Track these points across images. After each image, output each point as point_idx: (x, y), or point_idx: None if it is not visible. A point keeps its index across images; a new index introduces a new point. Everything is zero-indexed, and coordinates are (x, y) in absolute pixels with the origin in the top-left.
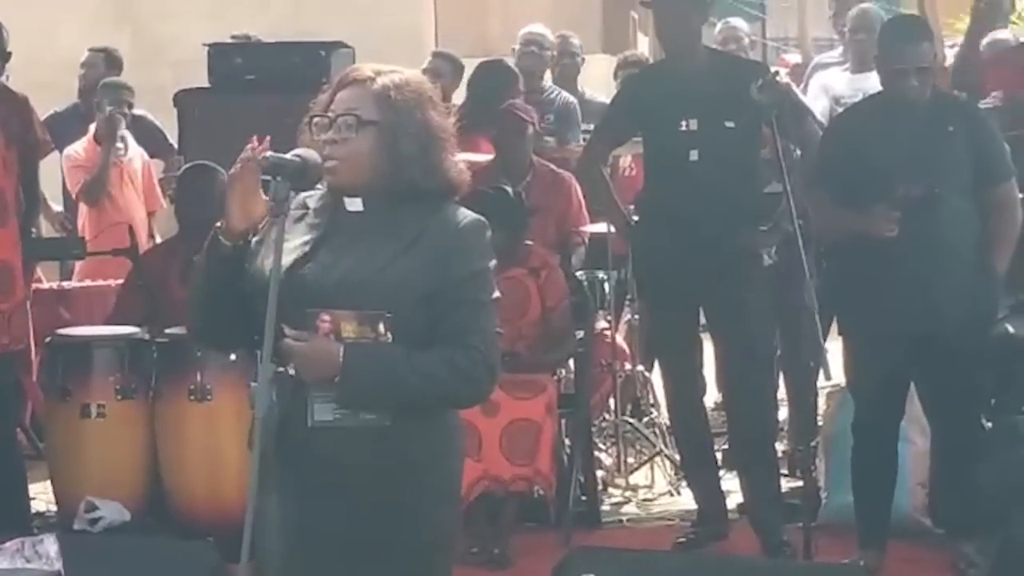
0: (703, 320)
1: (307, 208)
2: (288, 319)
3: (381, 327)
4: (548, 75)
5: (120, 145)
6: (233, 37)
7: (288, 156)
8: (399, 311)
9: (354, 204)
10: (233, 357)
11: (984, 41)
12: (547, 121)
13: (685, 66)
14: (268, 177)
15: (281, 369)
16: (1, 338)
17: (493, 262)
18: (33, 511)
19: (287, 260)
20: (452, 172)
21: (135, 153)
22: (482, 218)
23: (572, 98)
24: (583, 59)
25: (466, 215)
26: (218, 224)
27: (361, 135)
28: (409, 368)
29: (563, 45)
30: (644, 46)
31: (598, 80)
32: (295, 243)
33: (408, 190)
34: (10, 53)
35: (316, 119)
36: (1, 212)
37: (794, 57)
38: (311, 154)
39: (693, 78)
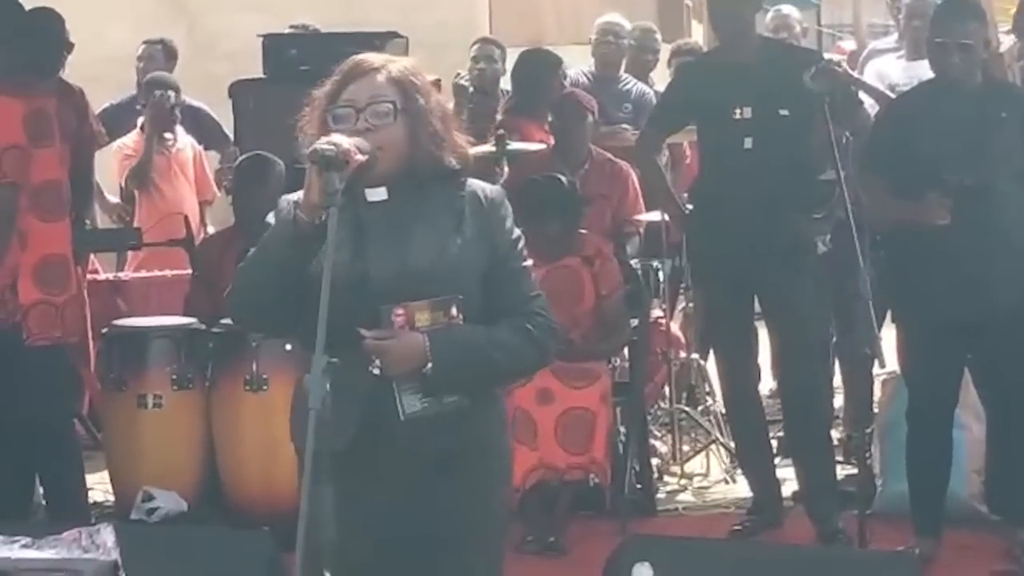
0: (757, 308)
1: None
2: (356, 317)
3: (454, 310)
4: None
5: (168, 136)
6: (292, 27)
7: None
8: (465, 291)
9: (377, 194)
10: (289, 347)
11: None
12: (625, 111)
13: (738, 54)
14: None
15: (335, 360)
16: (54, 331)
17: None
18: (91, 501)
19: (336, 259)
20: (464, 148)
21: (185, 143)
22: (497, 187)
23: (648, 88)
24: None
25: (490, 187)
26: (295, 200)
27: (398, 121)
28: (492, 345)
29: (644, 39)
30: (698, 34)
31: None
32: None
33: (432, 171)
34: (72, 44)
35: (340, 110)
36: (57, 206)
37: (849, 44)
38: (366, 146)
39: (746, 66)
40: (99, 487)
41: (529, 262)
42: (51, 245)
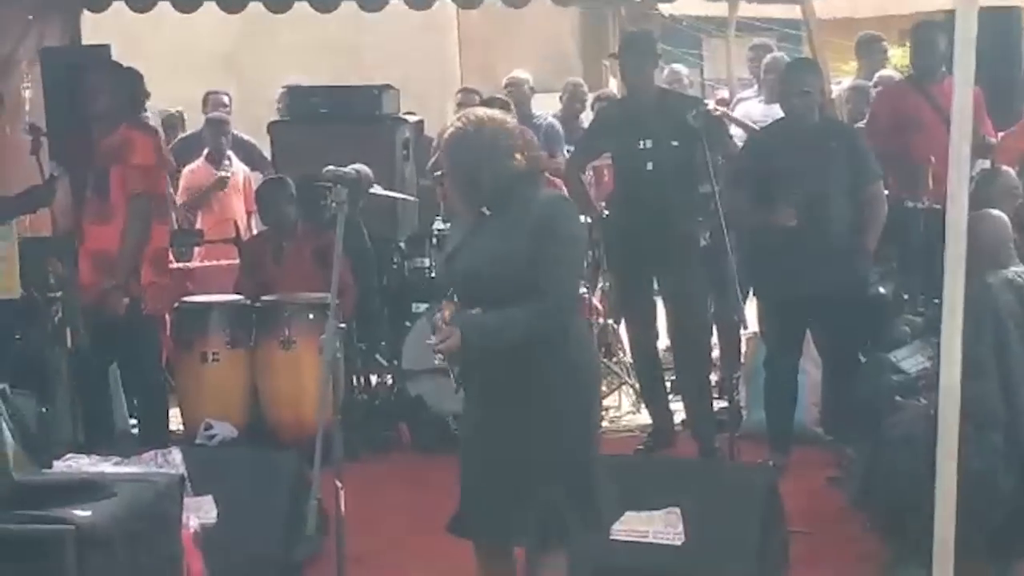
0: (656, 287)
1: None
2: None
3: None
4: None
5: (227, 163)
6: (284, 87)
7: (346, 169)
8: (511, 282)
9: (486, 209)
10: (311, 316)
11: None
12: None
13: (642, 100)
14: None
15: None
16: (159, 304)
17: (575, 227)
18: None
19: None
20: (519, 168)
21: (237, 168)
22: (561, 194)
23: (556, 122)
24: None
25: (552, 194)
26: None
27: (448, 178)
28: (504, 321)
29: (575, 92)
30: (613, 85)
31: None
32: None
33: (498, 192)
34: (149, 93)
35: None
36: (163, 211)
37: (723, 92)
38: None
39: (648, 109)
40: (172, 420)
41: (571, 259)
42: (160, 241)
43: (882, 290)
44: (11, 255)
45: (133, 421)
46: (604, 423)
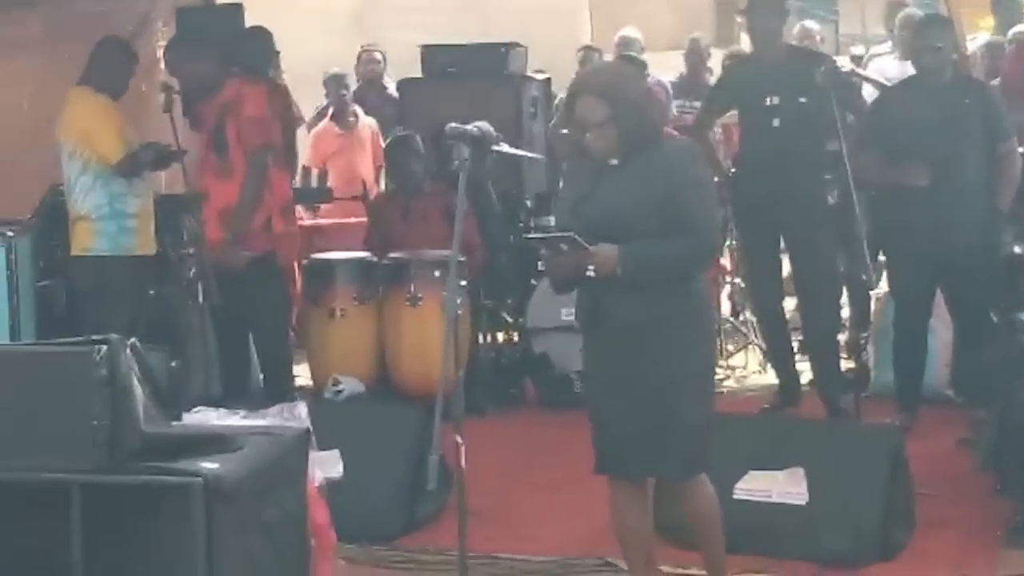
0: (783, 245)
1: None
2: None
3: None
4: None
5: (352, 119)
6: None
7: (468, 127)
8: (641, 222)
9: (613, 161)
10: (437, 273)
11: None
12: None
13: (769, 57)
14: (453, 142)
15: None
16: (291, 253)
17: (701, 171)
18: (296, 385)
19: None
20: (653, 122)
21: (364, 123)
22: (687, 141)
23: (663, 80)
24: (710, 55)
25: (681, 144)
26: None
27: (599, 130)
28: (655, 248)
29: (693, 46)
30: (746, 42)
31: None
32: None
33: (649, 136)
34: (278, 52)
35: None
36: (282, 160)
37: (858, 49)
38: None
39: (775, 66)
40: (302, 375)
41: (707, 200)
42: (285, 190)
43: (1017, 250)
44: (147, 212)
45: None
46: (731, 382)
